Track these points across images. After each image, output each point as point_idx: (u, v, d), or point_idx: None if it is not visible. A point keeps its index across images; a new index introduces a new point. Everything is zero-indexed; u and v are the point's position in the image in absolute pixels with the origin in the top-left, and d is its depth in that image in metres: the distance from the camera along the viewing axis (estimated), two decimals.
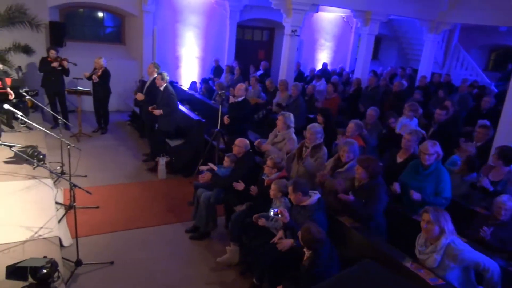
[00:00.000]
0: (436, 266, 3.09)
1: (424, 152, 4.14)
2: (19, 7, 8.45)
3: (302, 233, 3.42)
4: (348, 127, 5.33)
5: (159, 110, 6.74)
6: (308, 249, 3.45)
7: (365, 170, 3.91)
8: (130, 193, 6.09)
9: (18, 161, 5.95)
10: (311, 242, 3.36)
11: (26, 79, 8.66)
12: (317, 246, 3.37)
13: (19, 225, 4.41)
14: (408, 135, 4.69)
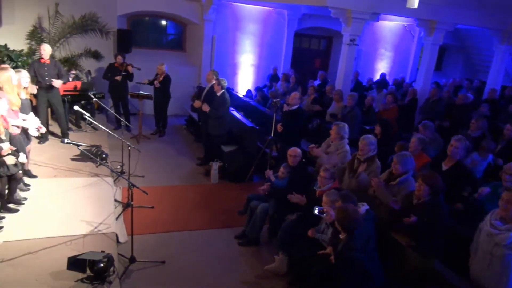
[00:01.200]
0: (508, 243, 3.17)
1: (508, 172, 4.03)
2: (92, 15, 9.13)
3: (338, 213, 3.43)
4: (411, 142, 5.06)
5: (207, 106, 6.85)
6: (343, 231, 3.43)
7: (429, 187, 3.71)
8: (183, 195, 6.26)
9: (83, 159, 6.36)
10: (347, 221, 3.36)
11: (95, 82, 9.25)
12: (352, 226, 3.36)
13: (80, 219, 4.69)
14: (455, 142, 4.41)
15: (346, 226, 3.38)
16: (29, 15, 8.74)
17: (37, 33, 8.85)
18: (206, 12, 10.18)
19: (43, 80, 6.61)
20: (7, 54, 8.06)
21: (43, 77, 6.60)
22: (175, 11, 10.24)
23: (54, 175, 5.83)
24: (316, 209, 3.78)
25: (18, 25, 8.71)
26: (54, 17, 8.82)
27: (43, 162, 6.09)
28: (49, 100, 6.81)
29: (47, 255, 3.93)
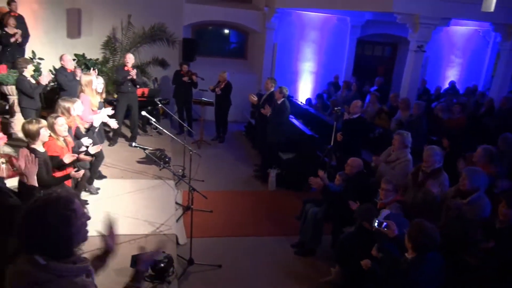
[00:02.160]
0: None
1: None
2: (160, 26, 9.61)
3: (411, 227, 3.02)
4: (476, 153, 4.69)
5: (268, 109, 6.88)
6: (413, 250, 3.02)
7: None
8: (240, 201, 6.33)
9: (148, 162, 6.67)
10: (420, 239, 2.92)
11: (161, 89, 9.72)
12: (425, 246, 2.93)
13: (143, 219, 4.91)
14: None
15: (419, 244, 2.95)
16: (104, 27, 9.41)
17: (111, 43, 9.51)
18: (268, 20, 10.30)
19: (125, 86, 7.09)
20: (84, 63, 8.73)
21: (125, 83, 7.11)
22: (237, 20, 10.48)
23: (121, 176, 6.18)
24: (376, 222, 3.48)
25: (94, 36, 9.42)
26: (127, 28, 9.41)
27: (112, 163, 6.48)
28: (128, 105, 7.28)
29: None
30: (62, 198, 1.61)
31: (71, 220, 1.58)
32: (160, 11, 9.56)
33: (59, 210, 1.56)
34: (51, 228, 1.54)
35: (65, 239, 1.58)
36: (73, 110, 4.58)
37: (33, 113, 5.94)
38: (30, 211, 1.57)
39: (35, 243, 1.55)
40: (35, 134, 3.57)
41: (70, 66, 6.59)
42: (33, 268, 1.51)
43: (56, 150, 3.94)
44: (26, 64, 5.88)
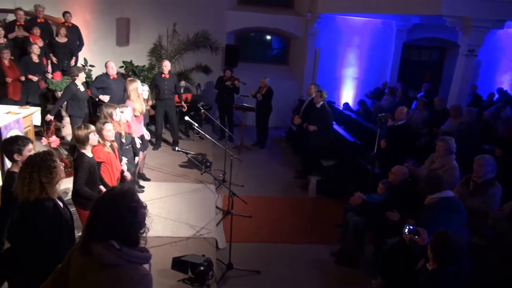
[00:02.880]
0: None
1: None
2: (204, 33, 9.84)
3: (435, 236, 2.85)
4: None
5: (313, 126, 6.84)
6: (433, 260, 2.84)
7: None
8: (280, 207, 6.29)
9: (190, 166, 6.80)
10: (442, 250, 2.75)
11: (203, 95, 9.92)
12: (447, 258, 2.73)
13: (185, 222, 5.00)
14: None
15: (439, 256, 2.77)
16: (151, 34, 9.77)
17: (157, 50, 9.85)
18: (310, 26, 10.24)
19: (162, 92, 7.29)
20: (131, 69, 9.09)
21: (162, 90, 7.29)
22: (280, 26, 10.50)
23: (164, 179, 6.34)
24: (406, 228, 3.31)
25: (141, 43, 9.79)
26: (172, 36, 9.71)
27: (155, 167, 6.67)
28: (166, 111, 7.48)
29: (154, 253, 4.21)
30: (127, 192, 1.81)
31: (138, 210, 1.77)
32: (204, 18, 9.78)
33: (127, 203, 1.74)
34: (121, 219, 1.71)
35: (134, 228, 1.76)
36: (115, 115, 4.67)
37: (80, 121, 6.13)
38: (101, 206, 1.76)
39: (110, 230, 1.70)
40: (84, 139, 3.68)
41: (113, 72, 6.82)
42: (108, 251, 1.65)
43: (101, 157, 4.02)
44: (78, 72, 6.14)
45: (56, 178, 2.58)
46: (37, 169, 2.51)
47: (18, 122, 5.17)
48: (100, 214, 1.74)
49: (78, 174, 3.64)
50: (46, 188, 2.52)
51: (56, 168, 2.58)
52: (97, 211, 1.76)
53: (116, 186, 1.88)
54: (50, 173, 2.54)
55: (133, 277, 1.68)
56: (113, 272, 1.66)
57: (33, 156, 2.67)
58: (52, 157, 2.61)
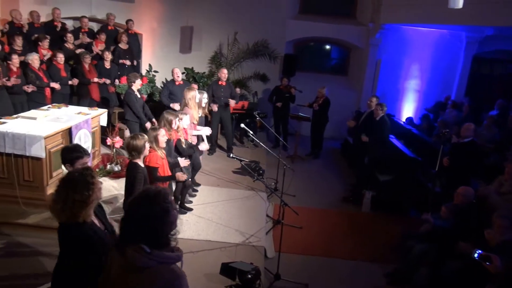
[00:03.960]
0: None
1: None
2: (263, 42, 9.96)
3: None
4: None
5: (366, 137, 6.64)
6: None
7: None
8: (332, 220, 6.13)
9: (243, 173, 6.87)
10: None
11: (260, 103, 10.01)
12: None
13: (235, 229, 5.03)
14: None
15: None
16: (212, 43, 10.07)
17: (217, 58, 10.13)
18: (372, 36, 9.99)
19: (218, 99, 7.46)
20: (192, 76, 9.41)
21: (219, 97, 7.46)
22: (340, 36, 10.35)
23: (217, 184, 6.45)
24: (476, 253, 3.13)
25: (203, 51, 10.12)
26: (232, 44, 9.94)
27: (210, 171, 6.81)
28: (221, 117, 7.64)
29: (204, 257, 4.32)
30: (160, 192, 1.84)
31: (170, 211, 1.81)
32: (264, 28, 9.90)
33: (160, 203, 1.79)
34: (155, 220, 1.76)
35: (166, 228, 1.80)
36: (174, 123, 4.82)
37: (137, 125, 6.41)
38: (136, 206, 1.81)
39: (140, 234, 1.75)
40: (142, 149, 3.74)
41: (178, 79, 7.10)
42: (139, 255, 1.72)
43: (157, 162, 4.13)
44: (134, 78, 6.35)
45: (92, 197, 2.28)
46: (73, 186, 2.24)
47: (87, 123, 5.54)
48: (134, 214, 1.79)
49: (135, 186, 3.65)
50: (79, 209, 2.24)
51: (94, 185, 2.31)
52: (131, 211, 1.81)
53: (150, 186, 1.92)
54: (87, 190, 2.26)
55: (166, 277, 1.75)
56: (147, 273, 1.73)
57: (72, 172, 2.45)
58: (91, 173, 2.36)
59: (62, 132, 5.05)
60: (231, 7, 9.79)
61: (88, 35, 8.27)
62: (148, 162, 4.04)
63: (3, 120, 5.03)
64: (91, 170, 2.41)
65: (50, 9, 8.33)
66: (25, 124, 4.93)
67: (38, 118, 5.25)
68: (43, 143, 4.59)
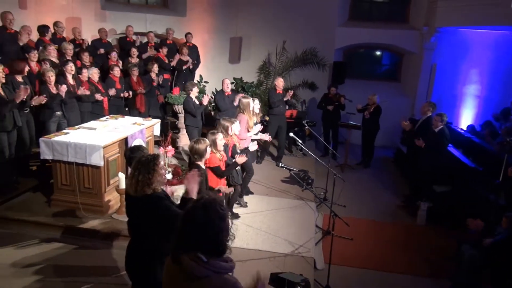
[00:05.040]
0: None
1: None
2: (312, 50, 9.90)
3: None
4: None
5: (421, 141, 6.33)
6: None
7: None
8: (384, 232, 5.91)
9: (292, 182, 6.82)
10: None
11: (308, 111, 9.93)
12: None
13: (284, 238, 4.99)
14: None
15: None
16: (261, 52, 10.18)
17: (265, 67, 10.21)
18: (427, 40, 9.59)
19: (277, 108, 7.51)
20: (241, 85, 9.55)
21: (277, 106, 7.51)
22: (392, 42, 10.05)
23: (266, 193, 6.46)
24: None
25: (251, 61, 10.25)
26: (281, 53, 9.97)
27: (259, 180, 6.83)
28: (278, 126, 7.67)
29: (253, 266, 4.32)
30: (216, 199, 1.86)
31: (225, 218, 1.82)
32: (313, 36, 9.85)
33: (216, 210, 1.80)
34: (212, 227, 1.77)
35: (222, 235, 1.80)
36: (231, 130, 5.05)
37: (196, 130, 6.71)
38: (192, 214, 1.82)
39: (197, 242, 1.76)
40: (203, 152, 3.99)
41: (227, 89, 7.24)
42: (197, 264, 1.72)
43: (217, 162, 4.42)
44: (192, 87, 6.71)
45: (152, 179, 2.72)
46: (139, 167, 2.73)
47: (142, 132, 5.78)
48: (191, 221, 1.80)
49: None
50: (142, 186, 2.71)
51: (155, 171, 2.74)
52: (187, 219, 1.82)
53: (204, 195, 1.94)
54: (148, 173, 2.71)
55: (223, 287, 1.74)
56: (203, 283, 1.72)
57: (142, 156, 2.89)
58: (156, 161, 2.79)
59: (119, 141, 5.31)
60: (280, 16, 9.84)
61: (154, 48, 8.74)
62: (208, 163, 4.30)
63: (67, 130, 5.39)
64: (156, 158, 2.82)
65: (109, 25, 8.89)
66: (86, 134, 5.25)
67: (97, 128, 5.57)
68: (101, 152, 4.85)
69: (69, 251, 4.49)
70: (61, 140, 4.93)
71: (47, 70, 5.77)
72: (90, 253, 4.47)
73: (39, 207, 5.16)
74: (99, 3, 9.17)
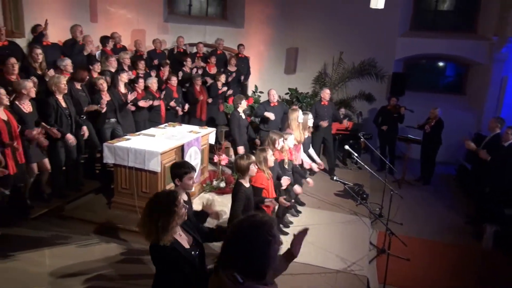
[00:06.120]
0: None
1: None
2: (371, 61, 9.64)
3: None
4: None
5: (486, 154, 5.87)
6: None
7: None
8: (445, 254, 5.52)
9: (345, 196, 6.63)
10: None
11: (365, 123, 9.65)
12: None
13: (336, 254, 4.84)
14: None
15: None
16: (317, 63, 10.08)
17: (321, 78, 10.09)
18: (497, 51, 8.97)
19: (321, 120, 7.37)
20: (296, 96, 9.50)
21: (322, 117, 7.37)
22: (457, 52, 9.51)
23: (318, 206, 6.32)
24: None
25: (307, 71, 10.19)
26: (337, 64, 9.81)
27: (311, 192, 6.71)
28: (324, 138, 7.52)
29: (304, 281, 4.22)
30: (266, 223, 1.74)
31: (271, 245, 1.70)
32: (371, 46, 9.60)
33: (263, 234, 1.69)
34: (254, 250, 1.67)
35: (263, 262, 1.69)
36: (278, 144, 4.83)
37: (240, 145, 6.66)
38: (237, 231, 1.75)
39: (236, 261, 1.70)
40: (245, 169, 3.82)
41: (273, 100, 7.18)
42: (231, 283, 1.66)
43: (263, 183, 4.18)
44: (240, 100, 6.62)
45: (172, 223, 2.42)
46: (157, 211, 2.41)
47: (198, 140, 5.93)
48: (234, 238, 1.73)
49: (235, 203, 3.75)
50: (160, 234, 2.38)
51: (175, 214, 2.43)
52: (232, 235, 1.75)
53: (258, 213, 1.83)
54: (168, 217, 2.40)
55: None
56: None
57: (160, 193, 2.61)
58: (176, 202, 2.46)
59: (176, 148, 5.48)
60: (338, 27, 9.71)
61: (201, 59, 9.00)
62: (254, 182, 4.12)
63: (128, 136, 5.66)
64: (176, 198, 2.48)
65: (170, 37, 9.28)
66: (145, 140, 5.48)
67: (156, 135, 5.79)
68: (159, 159, 5.03)
69: (125, 252, 4.67)
70: (122, 145, 5.18)
71: (98, 78, 6.04)
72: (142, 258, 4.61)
73: (100, 209, 5.45)
74: (162, 16, 9.62)
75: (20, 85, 4.76)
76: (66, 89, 5.23)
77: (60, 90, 5.12)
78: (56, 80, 5.12)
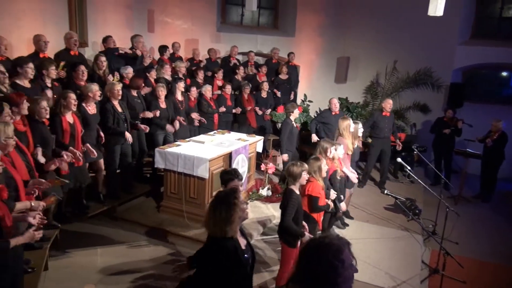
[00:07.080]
0: None
1: None
2: (427, 70, 9.25)
3: None
4: None
5: None
6: None
7: None
8: (506, 278, 5.10)
9: (396, 210, 6.37)
10: None
11: (418, 135, 9.23)
12: None
13: (385, 271, 4.64)
14: None
15: None
16: (369, 72, 9.84)
17: (373, 87, 9.83)
18: None
19: (381, 131, 7.14)
20: (346, 106, 9.31)
21: (382, 129, 7.13)
22: None
23: (367, 220, 6.12)
24: None
25: (358, 81, 9.97)
26: (391, 73, 9.51)
27: (360, 205, 6.52)
28: (382, 150, 7.27)
29: None
30: (334, 246, 1.63)
31: (338, 270, 1.59)
32: (428, 55, 9.21)
33: (329, 258, 1.59)
34: (318, 274, 1.59)
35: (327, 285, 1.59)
36: (329, 152, 4.71)
37: (290, 154, 6.61)
38: (305, 251, 1.68)
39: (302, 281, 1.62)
40: (297, 176, 3.78)
41: (335, 109, 7.06)
42: None
43: (319, 192, 4.13)
44: (292, 108, 6.61)
45: (233, 216, 2.48)
46: (219, 204, 2.51)
47: (245, 148, 5.97)
48: (302, 259, 1.67)
49: (287, 210, 3.71)
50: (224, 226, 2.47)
51: (235, 206, 2.50)
52: (301, 254, 1.70)
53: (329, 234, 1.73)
54: (229, 209, 2.47)
55: None
56: None
57: (220, 192, 2.72)
58: (235, 195, 2.56)
59: (224, 156, 5.55)
60: (391, 36, 9.41)
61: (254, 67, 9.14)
62: (311, 191, 4.06)
63: (178, 142, 5.82)
64: (236, 192, 2.60)
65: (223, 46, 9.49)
66: (195, 147, 5.60)
67: (205, 142, 5.91)
68: (207, 165, 5.12)
69: (173, 254, 4.79)
70: (173, 151, 5.34)
71: (158, 86, 6.26)
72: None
73: (150, 211, 5.64)
74: (215, 26, 9.86)
75: (87, 89, 5.10)
76: (120, 95, 5.47)
77: (114, 96, 5.39)
78: (111, 86, 5.41)
